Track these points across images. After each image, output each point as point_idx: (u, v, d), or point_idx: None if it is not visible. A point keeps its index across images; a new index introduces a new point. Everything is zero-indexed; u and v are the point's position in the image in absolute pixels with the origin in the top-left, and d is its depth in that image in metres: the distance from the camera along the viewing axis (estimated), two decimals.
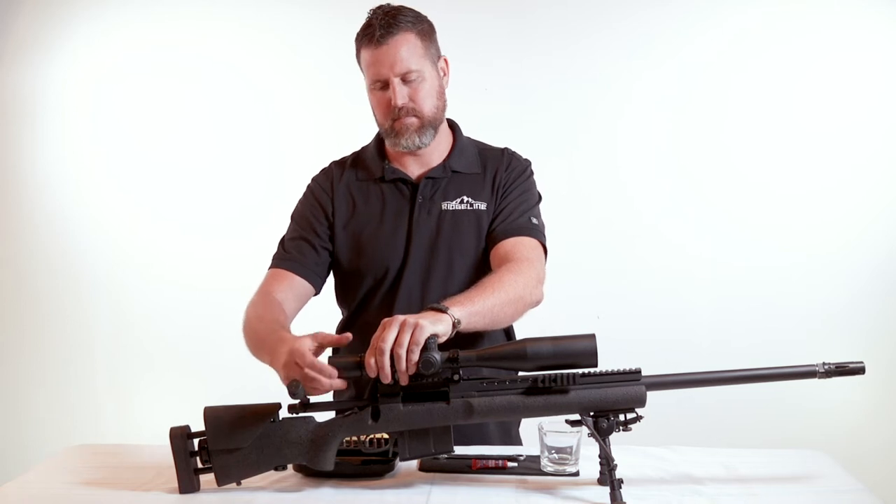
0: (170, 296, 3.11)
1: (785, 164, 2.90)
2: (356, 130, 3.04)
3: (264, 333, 1.62)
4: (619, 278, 2.97)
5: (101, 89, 3.11)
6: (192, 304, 3.09)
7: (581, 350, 1.35)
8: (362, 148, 1.89)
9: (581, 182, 2.98)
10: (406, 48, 1.68)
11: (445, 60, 1.79)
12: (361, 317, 1.80)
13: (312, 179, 1.89)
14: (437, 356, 1.35)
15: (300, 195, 1.90)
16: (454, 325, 1.43)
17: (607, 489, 1.33)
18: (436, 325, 1.38)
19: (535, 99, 2.96)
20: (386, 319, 1.38)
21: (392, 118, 1.71)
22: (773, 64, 2.89)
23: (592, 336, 1.36)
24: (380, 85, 1.71)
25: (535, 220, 1.78)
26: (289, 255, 1.81)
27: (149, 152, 3.10)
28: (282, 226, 3.13)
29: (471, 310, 1.48)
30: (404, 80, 1.69)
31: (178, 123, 3.09)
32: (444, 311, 1.43)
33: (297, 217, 1.87)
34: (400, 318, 1.37)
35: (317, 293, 1.83)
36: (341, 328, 1.87)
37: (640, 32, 2.94)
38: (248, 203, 3.08)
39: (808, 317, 2.89)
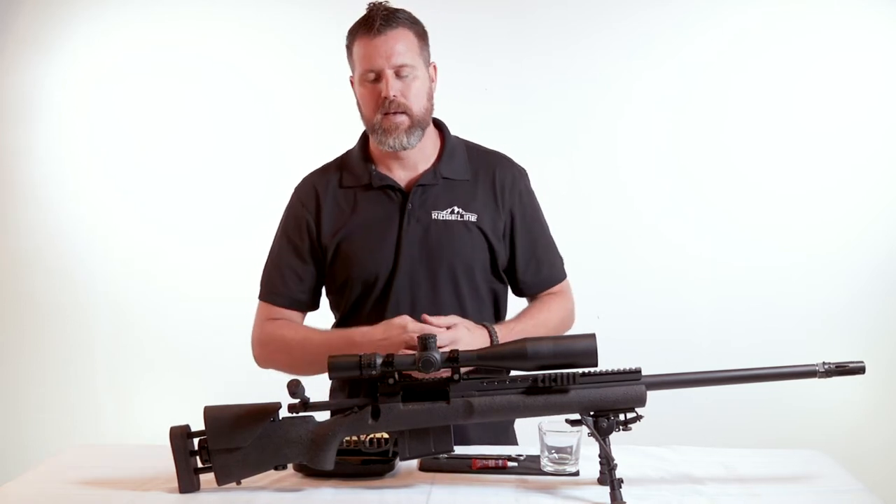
0: (169, 296, 3.11)
1: (785, 164, 2.90)
2: (356, 130, 3.06)
3: (320, 341, 1.70)
4: (619, 278, 2.96)
5: (101, 89, 3.11)
6: (192, 304, 3.09)
7: (581, 350, 1.35)
8: (346, 152, 1.86)
9: (581, 182, 2.98)
10: (404, 43, 1.68)
11: (434, 67, 1.79)
12: (351, 325, 1.78)
13: (295, 192, 1.87)
14: (437, 356, 1.35)
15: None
16: (491, 340, 1.63)
17: (607, 489, 1.33)
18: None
19: (535, 99, 2.96)
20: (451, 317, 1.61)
21: (382, 112, 1.69)
22: (773, 64, 2.89)
23: (592, 336, 1.36)
24: (372, 76, 1.69)
25: (555, 258, 1.86)
26: (275, 290, 1.82)
27: (148, 152, 3.10)
28: None
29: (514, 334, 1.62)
30: (398, 74, 1.68)
31: (178, 124, 3.09)
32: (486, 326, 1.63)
33: (280, 238, 1.84)
34: (458, 325, 1.60)
35: (314, 309, 1.86)
36: None
37: (640, 32, 2.94)
38: (247, 203, 3.07)
39: (808, 317, 2.89)
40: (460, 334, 1.58)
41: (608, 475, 1.33)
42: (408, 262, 1.73)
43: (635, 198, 2.96)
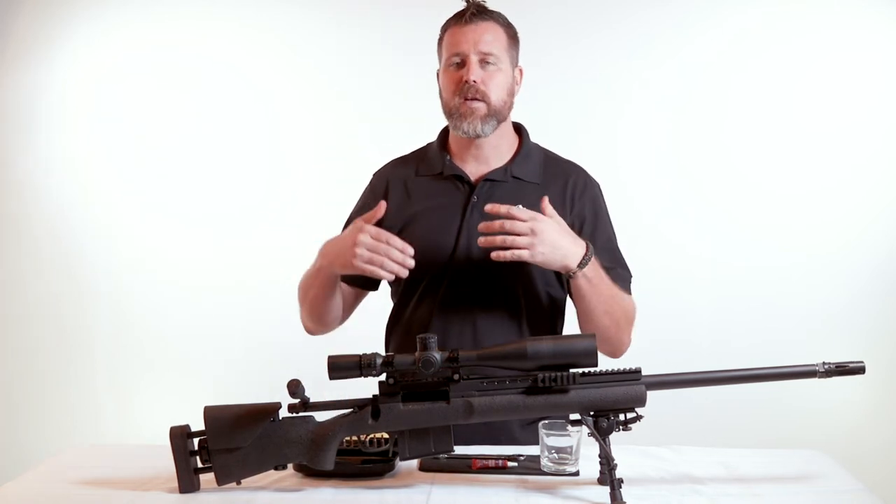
0: (170, 296, 3.11)
1: (785, 164, 2.90)
2: (356, 130, 3.07)
3: (307, 272, 1.78)
4: None
5: (102, 89, 3.11)
6: (192, 304, 3.09)
7: (581, 350, 1.35)
8: (427, 144, 1.90)
9: None
10: (492, 34, 1.72)
11: (521, 71, 1.82)
12: (403, 312, 1.81)
13: (373, 177, 1.91)
14: (436, 355, 1.35)
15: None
16: (584, 257, 1.60)
17: (607, 489, 1.33)
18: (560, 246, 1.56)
19: (535, 99, 2.96)
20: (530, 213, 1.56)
21: (461, 97, 1.71)
22: (773, 64, 2.89)
23: (592, 336, 1.37)
24: (457, 60, 1.72)
25: (623, 271, 1.81)
26: None
27: (149, 152, 3.10)
28: (282, 228, 3.15)
29: (599, 273, 1.63)
30: (482, 62, 1.71)
31: (179, 123, 3.09)
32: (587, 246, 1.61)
33: (349, 220, 1.89)
34: (541, 220, 1.55)
35: (375, 289, 1.89)
36: (390, 324, 1.88)
37: (640, 32, 2.94)
38: (247, 203, 3.08)
39: (808, 317, 2.89)
40: (543, 227, 1.56)
41: (608, 475, 1.32)
42: (465, 252, 1.74)
43: (635, 198, 2.95)
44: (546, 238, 1.56)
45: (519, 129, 1.87)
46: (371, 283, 1.88)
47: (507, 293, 1.75)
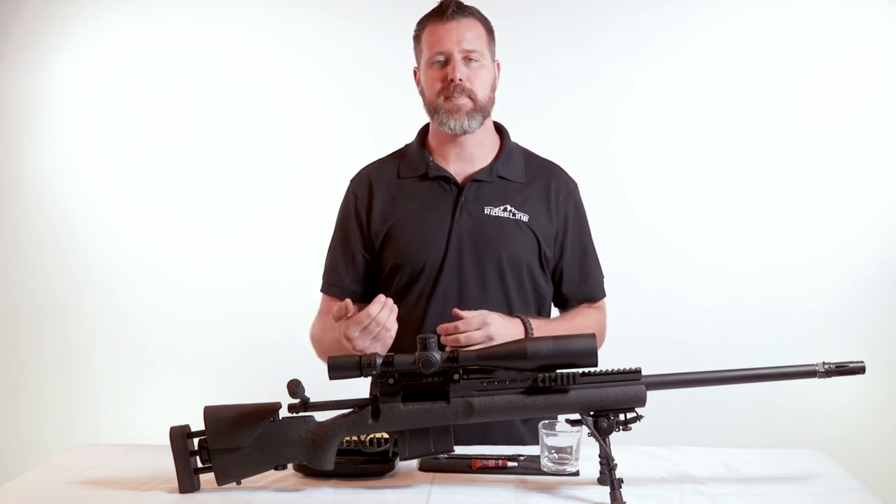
0: (170, 296, 3.11)
1: (785, 164, 2.90)
2: (357, 130, 3.06)
3: (329, 339, 1.72)
4: (619, 279, 2.94)
5: (102, 89, 3.10)
6: (192, 304, 3.09)
7: (581, 350, 1.35)
8: (405, 145, 1.90)
9: (580, 183, 2.96)
10: (474, 32, 1.74)
11: (498, 65, 1.83)
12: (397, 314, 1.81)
13: (350, 184, 1.90)
14: (436, 356, 1.35)
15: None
16: (526, 333, 1.67)
17: (607, 489, 1.33)
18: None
19: (535, 99, 2.96)
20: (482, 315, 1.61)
21: (445, 95, 1.72)
22: (772, 64, 2.88)
23: (592, 336, 1.36)
24: (441, 58, 1.73)
25: (599, 274, 1.90)
26: (330, 281, 1.87)
27: (149, 153, 3.10)
28: (282, 227, 3.14)
29: (549, 328, 1.70)
30: (466, 59, 1.72)
31: (179, 124, 3.09)
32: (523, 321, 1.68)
33: (337, 231, 1.89)
34: (491, 323, 1.61)
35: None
36: None
37: (640, 32, 2.93)
38: (247, 203, 3.07)
39: (808, 317, 2.89)
40: (493, 330, 1.61)
41: (608, 475, 1.33)
42: (457, 252, 1.76)
43: (635, 198, 2.95)
44: (497, 333, 1.62)
45: (500, 128, 1.89)
46: (373, 293, 1.88)
47: (497, 291, 1.76)
